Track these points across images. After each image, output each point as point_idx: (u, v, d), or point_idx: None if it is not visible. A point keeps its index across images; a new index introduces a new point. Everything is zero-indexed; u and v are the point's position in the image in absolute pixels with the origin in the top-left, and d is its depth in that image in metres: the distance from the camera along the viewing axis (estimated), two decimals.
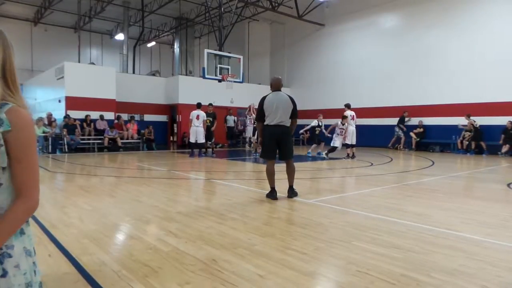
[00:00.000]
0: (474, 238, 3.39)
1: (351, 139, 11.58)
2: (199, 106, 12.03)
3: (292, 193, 5.31)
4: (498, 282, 2.40)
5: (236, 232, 3.51)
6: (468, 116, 13.87)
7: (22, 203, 1.06)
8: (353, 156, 11.59)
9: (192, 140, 12.01)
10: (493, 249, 3.09)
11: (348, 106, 11.80)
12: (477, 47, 14.29)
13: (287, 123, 5.17)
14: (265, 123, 5.25)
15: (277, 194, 5.25)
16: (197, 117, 11.82)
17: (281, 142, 5.18)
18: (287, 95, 5.28)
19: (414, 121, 15.95)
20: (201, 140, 11.94)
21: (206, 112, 12.47)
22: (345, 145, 11.70)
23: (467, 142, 14.01)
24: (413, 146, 15.78)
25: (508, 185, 6.67)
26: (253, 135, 17.22)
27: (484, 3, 14.30)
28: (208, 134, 12.61)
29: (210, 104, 12.95)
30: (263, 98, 5.31)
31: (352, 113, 11.60)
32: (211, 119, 12.58)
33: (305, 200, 5.14)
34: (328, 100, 19.89)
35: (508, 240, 3.35)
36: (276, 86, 5.34)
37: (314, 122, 12.92)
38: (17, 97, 1.07)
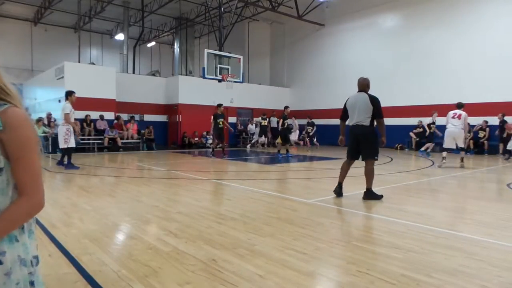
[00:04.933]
0: (474, 238, 3.39)
1: (446, 142, 9.25)
2: (67, 95, 8.82)
3: (367, 195, 5.17)
4: (498, 282, 2.40)
5: (236, 232, 3.51)
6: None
7: (23, 202, 1.02)
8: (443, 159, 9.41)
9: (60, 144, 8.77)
10: (493, 249, 3.09)
11: (458, 105, 9.37)
12: (477, 47, 14.30)
13: (366, 123, 5.14)
14: (347, 123, 5.42)
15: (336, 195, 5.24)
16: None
17: (359, 142, 5.23)
18: (370, 95, 5.23)
19: (414, 121, 15.95)
20: (61, 144, 8.61)
21: (216, 114, 11.97)
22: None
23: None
24: (413, 146, 15.78)
25: (508, 185, 6.67)
26: (260, 136, 17.18)
27: (484, 3, 14.31)
28: (221, 135, 12.33)
29: (221, 105, 12.43)
30: (347, 99, 5.47)
31: (456, 112, 9.19)
32: (222, 119, 12.15)
33: (305, 200, 5.14)
34: (328, 100, 19.89)
35: (508, 240, 3.35)
36: (360, 86, 5.39)
37: (429, 120, 11.58)
38: (13, 96, 1.04)
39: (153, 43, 26.85)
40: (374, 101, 5.15)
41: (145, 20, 20.61)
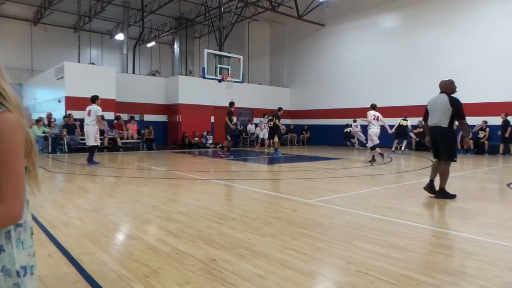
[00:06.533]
0: (474, 238, 3.39)
1: (375, 139, 10.66)
2: (93, 99, 9.68)
3: (440, 194, 5.23)
4: (498, 282, 2.40)
5: (236, 232, 3.51)
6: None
7: None
8: (381, 156, 10.83)
9: (86, 142, 9.84)
10: (493, 249, 3.08)
11: (372, 106, 10.95)
12: (477, 47, 14.30)
13: (443, 124, 5.19)
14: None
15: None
16: (89, 113, 9.57)
17: (437, 142, 5.29)
18: (450, 96, 5.26)
19: (414, 121, 15.95)
20: (91, 142, 9.55)
21: (231, 111, 12.36)
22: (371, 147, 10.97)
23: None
24: (413, 146, 15.78)
25: (508, 185, 6.67)
26: (270, 137, 16.24)
27: (485, 3, 14.31)
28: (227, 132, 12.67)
29: (232, 103, 12.85)
30: (429, 100, 5.59)
31: (375, 114, 10.66)
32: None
33: (305, 200, 5.14)
34: (328, 100, 19.91)
35: (508, 240, 3.35)
36: (441, 88, 5.47)
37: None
38: (10, 101, 1.01)
39: (153, 43, 26.85)
40: (454, 102, 5.17)
41: (145, 20, 20.60)
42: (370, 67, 17.92)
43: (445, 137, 5.23)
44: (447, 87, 5.41)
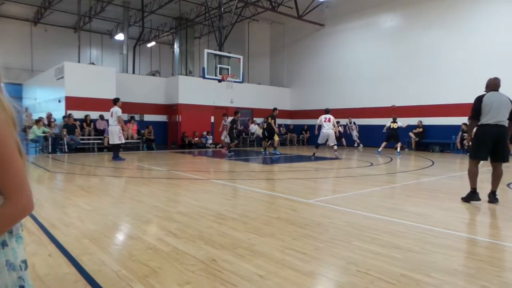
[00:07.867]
0: (474, 238, 3.39)
1: (322, 140, 12.30)
2: (115, 102, 10.76)
3: (494, 198, 5.04)
4: (498, 282, 2.40)
5: (236, 232, 3.51)
6: None
7: (6, 207, 0.97)
8: (313, 155, 12.21)
9: (110, 141, 11.06)
10: (493, 249, 3.09)
11: (326, 111, 12.44)
12: (477, 47, 14.30)
13: (506, 123, 4.96)
14: (481, 122, 5.00)
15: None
16: (111, 115, 10.68)
17: (498, 142, 4.95)
18: (506, 96, 5.09)
19: (414, 121, 15.95)
20: (115, 141, 10.69)
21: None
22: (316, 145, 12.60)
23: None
24: (413, 146, 15.78)
25: (508, 185, 6.67)
26: (268, 138, 15.60)
27: (484, 3, 14.31)
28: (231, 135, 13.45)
29: (237, 111, 13.84)
30: (480, 97, 5.11)
31: (326, 116, 12.13)
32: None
33: (305, 200, 5.14)
34: (328, 100, 19.88)
35: (508, 240, 3.35)
36: (494, 86, 5.20)
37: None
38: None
39: (153, 43, 26.85)
40: None
41: (145, 20, 20.60)
42: (370, 67, 17.93)
43: (506, 137, 4.97)
44: (497, 85, 5.20)
